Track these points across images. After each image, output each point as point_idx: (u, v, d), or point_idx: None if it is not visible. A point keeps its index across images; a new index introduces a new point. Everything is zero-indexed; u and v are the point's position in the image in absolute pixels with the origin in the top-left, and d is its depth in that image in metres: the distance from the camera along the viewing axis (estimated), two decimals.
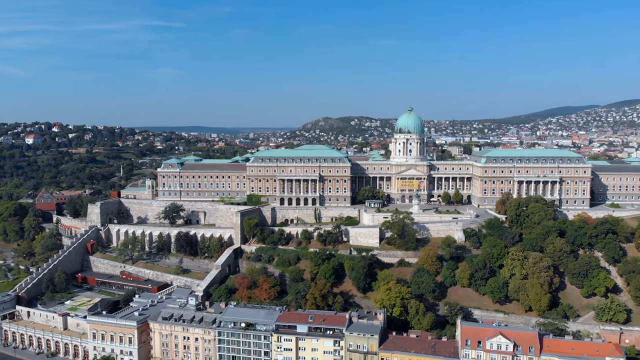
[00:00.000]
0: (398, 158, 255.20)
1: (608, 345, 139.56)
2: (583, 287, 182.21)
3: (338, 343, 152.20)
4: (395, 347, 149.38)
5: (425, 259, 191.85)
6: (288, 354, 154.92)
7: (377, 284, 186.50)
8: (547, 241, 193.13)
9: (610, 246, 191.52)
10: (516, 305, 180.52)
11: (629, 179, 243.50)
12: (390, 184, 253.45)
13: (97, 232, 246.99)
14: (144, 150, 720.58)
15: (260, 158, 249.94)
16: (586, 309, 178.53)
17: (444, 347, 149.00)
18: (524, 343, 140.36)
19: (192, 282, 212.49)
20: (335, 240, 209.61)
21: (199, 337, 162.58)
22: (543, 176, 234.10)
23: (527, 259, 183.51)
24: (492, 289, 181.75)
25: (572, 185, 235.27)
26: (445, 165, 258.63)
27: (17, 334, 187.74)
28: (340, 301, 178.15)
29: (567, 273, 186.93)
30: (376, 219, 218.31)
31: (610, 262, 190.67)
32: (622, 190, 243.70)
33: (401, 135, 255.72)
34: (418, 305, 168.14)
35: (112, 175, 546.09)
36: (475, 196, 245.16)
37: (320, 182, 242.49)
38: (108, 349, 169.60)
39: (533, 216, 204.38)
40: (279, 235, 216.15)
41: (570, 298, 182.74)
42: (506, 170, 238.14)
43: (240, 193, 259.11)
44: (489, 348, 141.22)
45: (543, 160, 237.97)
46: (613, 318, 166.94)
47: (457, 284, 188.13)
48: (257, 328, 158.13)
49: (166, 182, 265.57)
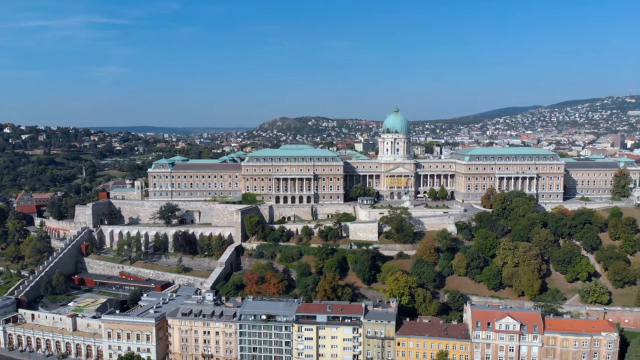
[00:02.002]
0: (386, 157, 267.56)
1: (602, 322, 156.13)
2: (567, 272, 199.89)
3: (357, 330, 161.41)
4: (411, 331, 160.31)
5: (423, 251, 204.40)
6: (309, 343, 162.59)
7: (381, 276, 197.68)
8: (533, 232, 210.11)
9: (588, 235, 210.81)
10: (509, 291, 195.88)
11: (596, 175, 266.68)
12: (379, 181, 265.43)
13: (89, 234, 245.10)
14: (103, 151, 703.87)
15: (255, 158, 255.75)
16: (571, 292, 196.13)
17: (456, 329, 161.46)
18: (529, 323, 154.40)
19: (194, 280, 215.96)
20: (336, 235, 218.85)
21: (219, 331, 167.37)
22: (522, 173, 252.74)
23: (517, 248, 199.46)
24: (487, 276, 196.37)
25: (548, 181, 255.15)
26: (430, 164, 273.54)
27: (22, 337, 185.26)
28: (349, 292, 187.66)
29: (552, 260, 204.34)
30: (372, 215, 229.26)
31: (588, 249, 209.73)
32: (590, 184, 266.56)
33: (389, 135, 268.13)
34: (425, 294, 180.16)
35: (73, 177, 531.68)
36: (460, 192, 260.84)
37: (314, 180, 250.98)
38: (124, 347, 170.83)
39: (518, 209, 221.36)
40: (280, 232, 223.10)
41: (556, 283, 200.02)
42: (488, 167, 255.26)
43: (233, 192, 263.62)
44: (497, 328, 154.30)
45: (521, 158, 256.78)
46: (597, 299, 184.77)
47: (454, 273, 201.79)
48: (277, 319, 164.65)
49: (157, 182, 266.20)
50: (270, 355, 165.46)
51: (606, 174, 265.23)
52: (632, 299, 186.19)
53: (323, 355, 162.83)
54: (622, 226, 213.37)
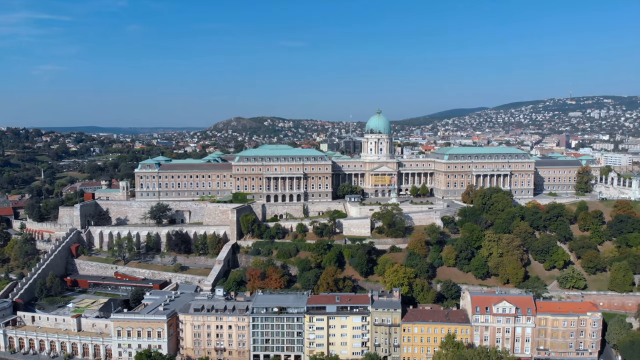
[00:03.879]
0: (370, 156, 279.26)
1: (586, 304, 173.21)
2: (545, 261, 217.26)
3: (365, 319, 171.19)
4: (415, 318, 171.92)
5: (415, 244, 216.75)
6: (320, 333, 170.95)
7: (378, 268, 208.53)
8: (513, 224, 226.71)
9: (561, 227, 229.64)
10: (495, 279, 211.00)
11: (560, 172, 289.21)
12: (364, 179, 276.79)
13: (78, 235, 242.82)
14: (58, 152, 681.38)
15: (246, 157, 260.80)
16: (549, 279, 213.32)
17: (456, 315, 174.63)
18: (523, 306, 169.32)
19: (192, 278, 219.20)
20: (330, 232, 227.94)
21: (232, 325, 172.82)
22: (497, 170, 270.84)
23: (501, 240, 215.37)
24: (475, 266, 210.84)
25: (520, 178, 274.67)
26: (411, 162, 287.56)
27: (24, 340, 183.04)
28: (350, 285, 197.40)
29: (531, 250, 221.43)
30: (363, 212, 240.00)
31: (562, 240, 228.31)
32: (556, 181, 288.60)
33: (372, 136, 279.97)
34: (423, 284, 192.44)
35: (31, 179, 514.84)
36: (440, 189, 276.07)
37: (304, 179, 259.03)
38: (134, 345, 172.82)
39: (497, 204, 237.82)
40: (276, 230, 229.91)
41: (536, 271, 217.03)
42: (465, 165, 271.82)
43: (221, 192, 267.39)
44: (495, 312, 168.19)
45: (496, 156, 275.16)
46: (575, 285, 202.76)
47: (444, 264, 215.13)
48: (289, 311, 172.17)
49: (144, 183, 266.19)
50: (282, 345, 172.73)
51: (570, 171, 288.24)
52: (605, 284, 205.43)
53: (333, 343, 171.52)
54: (590, 218, 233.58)
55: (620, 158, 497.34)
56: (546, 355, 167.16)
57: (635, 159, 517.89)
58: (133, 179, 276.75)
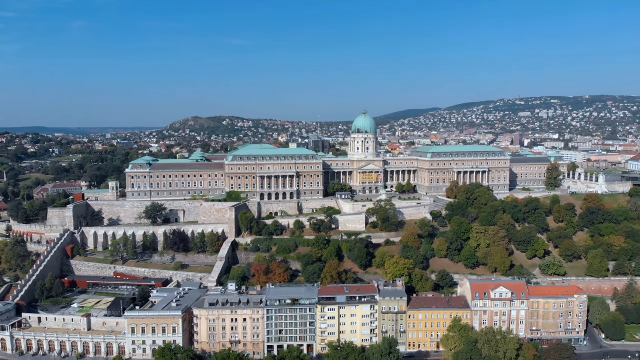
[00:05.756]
0: (358, 155, 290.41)
1: (572, 287, 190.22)
2: (527, 251, 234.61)
3: (373, 307, 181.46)
4: (420, 305, 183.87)
5: (408, 237, 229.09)
6: (331, 322, 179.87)
7: (376, 261, 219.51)
8: (496, 217, 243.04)
9: (539, 219, 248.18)
10: (484, 268, 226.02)
11: (533, 168, 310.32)
12: (352, 177, 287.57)
13: (72, 236, 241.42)
14: (18, 153, 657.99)
15: (239, 157, 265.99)
16: (531, 267, 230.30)
17: (457, 301, 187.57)
18: (518, 291, 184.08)
19: (194, 275, 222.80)
20: (327, 227, 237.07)
21: (247, 317, 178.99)
22: (476, 167, 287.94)
23: (487, 232, 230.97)
24: (466, 257, 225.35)
25: (497, 174, 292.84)
26: (396, 161, 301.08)
27: (32, 342, 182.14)
28: (352, 277, 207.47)
29: (514, 241, 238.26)
30: (356, 208, 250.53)
31: (540, 232, 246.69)
32: (528, 177, 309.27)
33: (359, 135, 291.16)
34: (422, 274, 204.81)
35: None
36: (423, 185, 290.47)
37: (297, 177, 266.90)
38: (149, 342, 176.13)
39: (480, 198, 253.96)
40: (275, 227, 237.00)
41: (519, 260, 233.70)
42: (447, 163, 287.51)
43: (213, 191, 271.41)
44: (493, 297, 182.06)
45: (475, 154, 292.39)
46: (556, 272, 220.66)
47: (436, 256, 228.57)
48: (301, 303, 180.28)
49: (135, 183, 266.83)
50: (295, 335, 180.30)
51: (540, 168, 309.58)
52: (582, 270, 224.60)
53: (343, 332, 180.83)
54: (564, 211, 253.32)
55: (575, 155, 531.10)
56: (538, 335, 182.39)
57: (587, 156, 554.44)
58: (122, 179, 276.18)
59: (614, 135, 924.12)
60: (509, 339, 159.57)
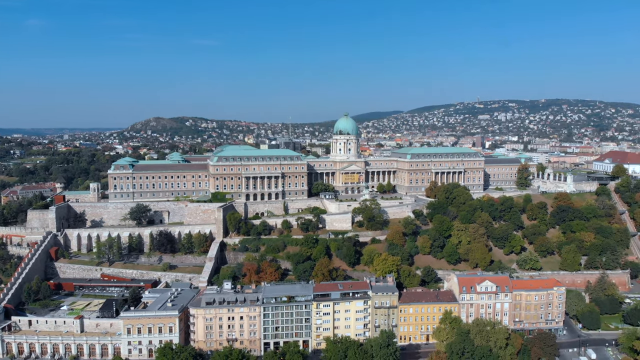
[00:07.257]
0: (340, 156, 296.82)
1: (551, 280, 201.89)
2: (505, 247, 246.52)
3: (366, 302, 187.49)
4: (410, 300, 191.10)
5: (393, 235, 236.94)
6: (326, 318, 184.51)
7: (364, 258, 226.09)
8: (475, 215, 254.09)
9: (514, 217, 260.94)
10: (465, 264, 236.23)
11: (504, 169, 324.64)
12: (335, 178, 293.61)
13: (55, 238, 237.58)
14: None
15: (225, 157, 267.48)
16: (509, 262, 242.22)
17: (445, 295, 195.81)
18: (502, 284, 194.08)
19: (182, 276, 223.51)
20: (314, 227, 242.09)
21: (244, 315, 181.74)
22: (453, 168, 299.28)
23: (467, 229, 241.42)
24: (448, 253, 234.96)
25: (472, 174, 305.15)
26: (376, 162, 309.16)
27: (24, 345, 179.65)
28: (342, 274, 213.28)
29: (492, 238, 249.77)
30: (342, 208, 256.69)
31: (515, 229, 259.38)
32: (500, 177, 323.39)
33: (342, 137, 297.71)
34: (409, 270, 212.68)
35: None
36: (403, 185, 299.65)
37: (282, 178, 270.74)
38: (145, 342, 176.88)
39: (459, 197, 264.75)
40: (263, 227, 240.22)
41: (497, 256, 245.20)
42: (426, 164, 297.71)
43: (196, 192, 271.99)
44: (479, 290, 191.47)
45: (451, 155, 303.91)
46: (532, 266, 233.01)
47: (420, 253, 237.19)
48: (297, 300, 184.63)
49: (117, 184, 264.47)
50: (291, 332, 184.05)
51: (511, 168, 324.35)
52: (556, 265, 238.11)
53: (338, 327, 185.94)
54: (536, 209, 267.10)
55: (538, 157, 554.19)
56: (521, 326, 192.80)
57: (547, 157, 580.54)
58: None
59: (569, 137, 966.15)
60: (498, 329, 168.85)
